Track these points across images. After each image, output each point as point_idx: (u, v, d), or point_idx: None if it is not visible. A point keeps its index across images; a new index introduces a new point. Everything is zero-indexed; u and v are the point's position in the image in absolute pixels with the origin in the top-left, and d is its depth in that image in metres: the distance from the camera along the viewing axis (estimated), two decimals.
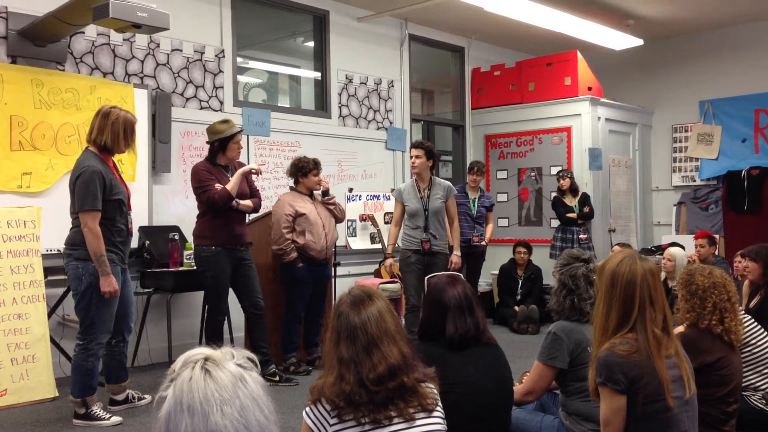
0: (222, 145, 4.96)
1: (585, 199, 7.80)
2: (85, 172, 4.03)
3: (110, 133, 4.14)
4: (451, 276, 2.84)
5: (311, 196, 5.59)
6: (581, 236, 7.62)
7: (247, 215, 5.23)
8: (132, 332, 4.54)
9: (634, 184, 9.09)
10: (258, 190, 5.28)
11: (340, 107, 7.52)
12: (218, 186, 4.87)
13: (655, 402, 2.34)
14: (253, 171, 5.08)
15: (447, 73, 9.24)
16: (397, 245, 6.01)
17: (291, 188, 5.66)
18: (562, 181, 7.77)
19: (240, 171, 4.95)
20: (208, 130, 5.05)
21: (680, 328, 3.34)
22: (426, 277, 2.88)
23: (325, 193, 5.62)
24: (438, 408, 2.11)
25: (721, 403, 3.13)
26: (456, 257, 5.81)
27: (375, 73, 7.88)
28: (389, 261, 5.98)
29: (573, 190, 7.81)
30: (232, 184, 4.90)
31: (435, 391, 2.13)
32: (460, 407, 2.48)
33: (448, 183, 5.93)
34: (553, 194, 8.13)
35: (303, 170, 5.51)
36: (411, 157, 5.82)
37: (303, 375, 5.36)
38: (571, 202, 7.80)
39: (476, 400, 2.59)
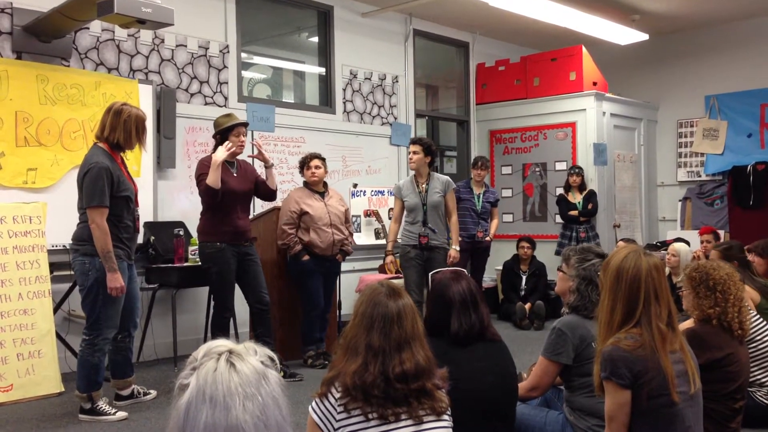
0: (223, 138, 4.97)
1: (590, 196, 7.81)
2: (93, 169, 4.03)
3: (123, 131, 4.15)
4: (455, 272, 2.84)
5: (323, 194, 5.60)
6: (581, 234, 7.65)
7: (250, 211, 5.24)
8: (137, 328, 4.54)
9: (639, 180, 9.07)
10: (265, 182, 5.21)
11: (344, 103, 7.51)
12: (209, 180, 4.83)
13: (660, 397, 2.34)
14: (226, 148, 4.83)
15: (451, 68, 9.22)
16: (397, 242, 6.03)
17: (304, 183, 5.68)
18: (574, 178, 7.78)
19: (214, 160, 4.76)
20: (214, 125, 5.09)
21: (686, 324, 3.35)
22: (430, 273, 2.88)
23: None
24: (447, 412, 2.12)
25: (729, 400, 3.13)
26: (454, 251, 5.79)
27: (379, 68, 7.87)
28: (389, 258, 5.99)
29: (581, 186, 7.82)
30: (211, 177, 4.74)
31: (446, 395, 2.14)
32: (465, 403, 2.48)
33: (447, 178, 5.94)
34: (558, 190, 8.15)
35: (300, 165, 5.65)
36: (409, 153, 5.86)
37: (319, 369, 5.40)
38: (576, 198, 7.81)
39: (481, 395, 2.59)
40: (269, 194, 5.23)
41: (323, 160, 5.66)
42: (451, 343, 2.65)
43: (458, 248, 5.88)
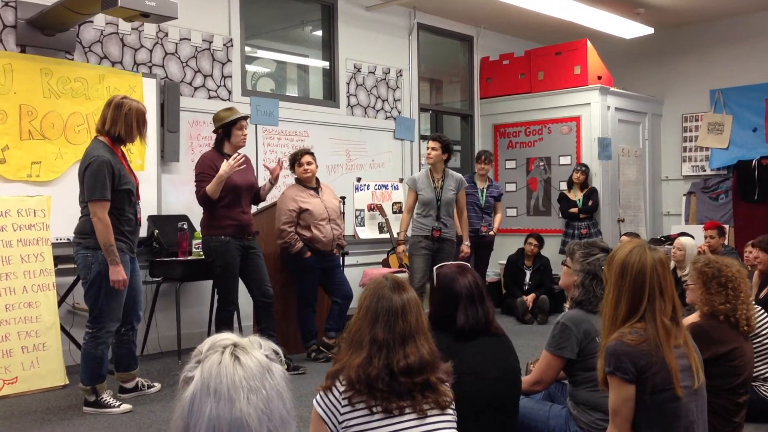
0: (226, 132, 4.95)
1: (590, 194, 7.82)
2: (94, 162, 4.04)
3: (124, 125, 4.15)
4: (460, 266, 2.83)
5: (317, 190, 5.60)
6: (582, 230, 7.67)
7: (252, 204, 5.25)
8: (141, 321, 4.56)
9: (643, 174, 9.05)
10: (259, 188, 5.25)
11: (348, 97, 7.50)
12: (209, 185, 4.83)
13: (664, 391, 2.33)
14: (235, 162, 4.76)
15: (455, 62, 9.20)
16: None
17: (297, 180, 5.68)
18: (578, 175, 7.79)
19: (220, 174, 4.74)
20: (213, 119, 5.09)
21: (690, 318, 3.35)
22: (434, 268, 2.87)
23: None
24: (451, 406, 2.12)
25: (733, 394, 3.13)
26: (466, 247, 6.09)
27: (383, 62, 7.85)
28: (402, 247, 6.14)
29: (583, 184, 7.83)
30: (212, 187, 4.77)
31: (450, 389, 2.14)
32: (469, 397, 2.48)
33: (460, 176, 6.15)
34: (563, 185, 8.15)
35: (291, 162, 5.66)
36: (428, 149, 6.03)
37: (322, 362, 5.42)
38: (577, 195, 7.83)
39: (485, 389, 2.59)
40: (257, 199, 5.30)
41: (313, 155, 5.66)
42: (455, 337, 2.65)
43: (469, 244, 6.16)
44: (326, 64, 7.52)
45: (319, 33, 7.58)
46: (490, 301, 2.75)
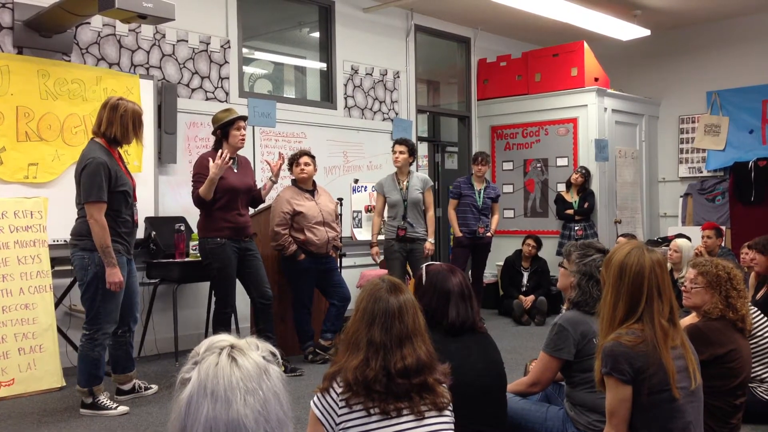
0: (224, 132, 4.94)
1: (586, 196, 7.85)
2: (90, 164, 4.03)
3: (119, 126, 4.15)
4: (449, 265, 2.86)
5: (313, 192, 5.60)
6: (577, 231, 7.70)
7: (249, 206, 5.24)
8: (138, 322, 4.55)
9: (640, 176, 9.06)
10: (259, 189, 5.24)
11: (345, 98, 7.50)
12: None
13: (661, 392, 2.34)
14: (222, 161, 4.71)
15: (453, 63, 9.21)
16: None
17: (293, 181, 5.67)
18: (576, 176, 7.82)
19: (210, 177, 4.73)
20: (212, 120, 5.07)
21: (687, 319, 3.35)
22: (423, 265, 2.89)
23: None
24: (449, 408, 2.12)
25: (730, 396, 3.14)
26: (429, 244, 6.20)
27: (381, 63, 7.86)
28: (374, 249, 6.33)
29: (581, 187, 7.85)
30: (205, 189, 4.76)
31: (448, 391, 2.14)
32: (460, 390, 2.47)
33: (425, 176, 6.39)
34: (560, 186, 8.17)
35: (290, 162, 5.63)
36: (395, 153, 6.20)
37: (319, 363, 5.42)
38: (573, 197, 7.85)
39: (474, 382, 2.60)
40: (257, 201, 5.27)
41: (313, 157, 5.65)
42: (445, 333, 2.66)
43: (433, 241, 6.26)
44: (323, 65, 7.52)
45: (317, 34, 7.58)
46: (476, 300, 2.78)
